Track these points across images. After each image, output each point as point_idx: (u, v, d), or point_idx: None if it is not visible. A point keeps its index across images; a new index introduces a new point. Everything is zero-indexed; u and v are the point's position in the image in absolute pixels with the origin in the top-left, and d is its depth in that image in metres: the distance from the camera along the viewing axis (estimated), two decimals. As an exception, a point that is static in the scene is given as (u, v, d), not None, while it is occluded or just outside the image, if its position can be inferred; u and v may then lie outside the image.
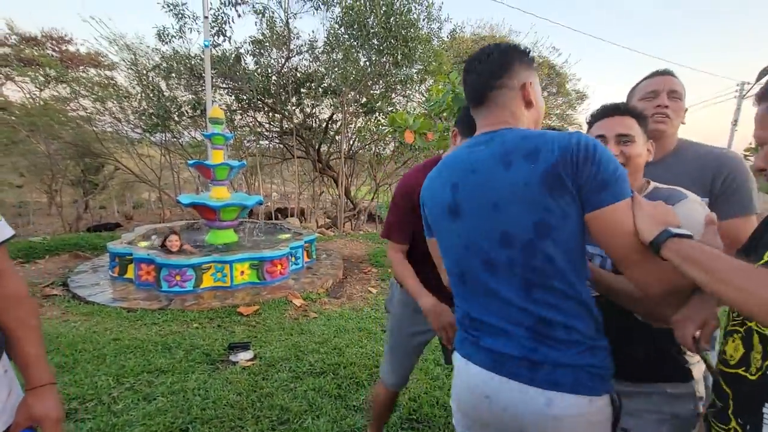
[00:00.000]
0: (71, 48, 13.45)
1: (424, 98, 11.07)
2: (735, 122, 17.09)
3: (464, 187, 0.89)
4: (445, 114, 5.51)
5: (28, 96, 11.74)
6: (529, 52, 0.94)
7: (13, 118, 11.43)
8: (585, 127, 1.21)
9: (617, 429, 0.83)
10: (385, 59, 8.30)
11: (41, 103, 11.41)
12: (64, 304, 3.65)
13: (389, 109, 9.03)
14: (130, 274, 4.18)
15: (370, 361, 2.64)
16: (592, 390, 0.79)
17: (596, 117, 1.13)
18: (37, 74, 11.00)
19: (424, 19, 8.36)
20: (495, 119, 0.91)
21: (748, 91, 16.08)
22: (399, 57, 7.93)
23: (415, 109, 10.68)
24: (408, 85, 9.26)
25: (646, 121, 1.09)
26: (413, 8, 7.83)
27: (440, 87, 5.62)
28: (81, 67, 12.76)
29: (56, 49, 13.15)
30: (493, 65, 0.90)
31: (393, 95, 9.83)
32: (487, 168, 0.85)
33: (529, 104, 0.93)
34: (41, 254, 5.29)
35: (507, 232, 0.82)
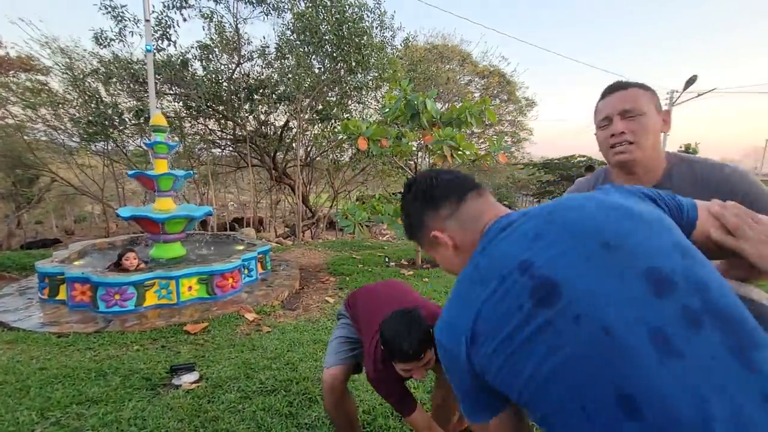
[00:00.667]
0: (0, 51, 12.36)
1: (381, 105, 11.17)
2: (667, 127, 18.55)
3: None
4: (399, 120, 5.58)
5: (-55, 102, 10.64)
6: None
7: (-74, 125, 10.33)
8: (534, 133, 1.14)
9: None
10: (339, 66, 8.29)
11: (-38, 110, 10.38)
12: (-18, 333, 3.28)
13: (345, 115, 9.02)
14: (62, 295, 3.84)
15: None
16: None
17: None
18: (-43, 79, 10.01)
19: (377, 27, 8.44)
20: None
21: (677, 98, 17.56)
22: (353, 64, 7.94)
23: (371, 116, 10.74)
24: (363, 92, 9.30)
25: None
26: (365, 16, 7.89)
27: (394, 94, 5.69)
28: (11, 72, 11.74)
29: (-20, 51, 12.03)
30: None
31: (349, 102, 9.83)
32: None
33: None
34: (-42, 278, 4.76)
35: None
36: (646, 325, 0.56)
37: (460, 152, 5.17)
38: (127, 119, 8.62)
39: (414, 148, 5.74)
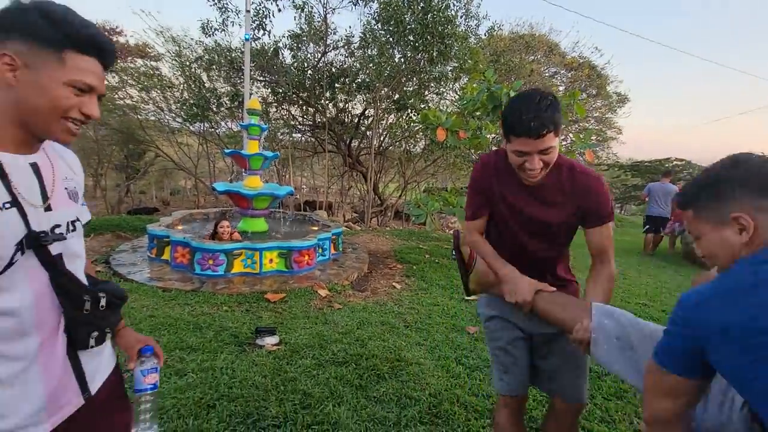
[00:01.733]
0: (121, 39, 14.12)
1: (457, 96, 10.95)
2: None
3: None
4: (478, 113, 5.45)
5: (81, 84, 12.40)
6: None
7: (66, 104, 12.14)
8: (623, 132, 1.17)
9: None
10: (420, 56, 8.26)
11: (92, 91, 12.05)
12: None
13: (422, 106, 8.99)
14: (166, 255, 4.39)
15: (391, 354, 2.65)
16: None
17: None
18: (89, 64, 11.63)
19: (461, 16, 8.26)
20: None
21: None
22: (434, 54, 7.86)
23: (448, 107, 10.58)
24: (442, 83, 9.19)
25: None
26: (451, 5, 7.75)
27: (475, 85, 5.56)
28: (129, 58, 13.39)
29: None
30: None
31: (426, 92, 9.78)
32: None
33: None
34: (87, 233, 5.61)
35: None
36: None
37: (542, 148, 4.93)
38: (223, 103, 9.44)
39: (489, 142, 5.58)
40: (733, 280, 0.76)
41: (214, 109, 9.58)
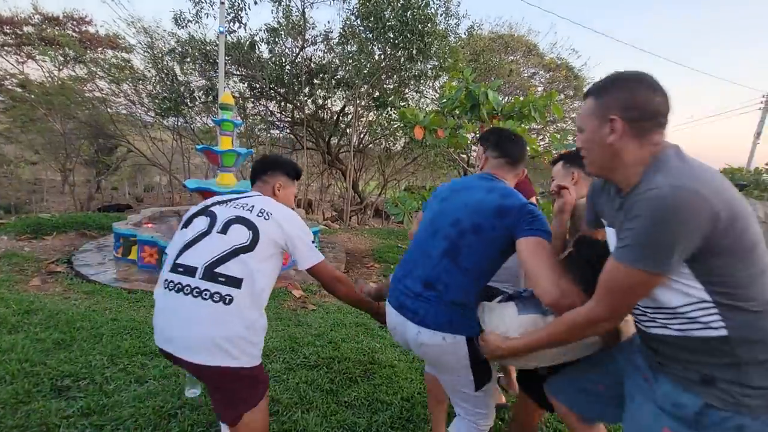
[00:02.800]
0: (91, 29, 13.53)
1: (437, 95, 10.96)
2: (758, 134, 16.66)
3: None
4: (457, 111, 5.44)
5: (47, 75, 11.87)
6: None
7: (32, 96, 11.58)
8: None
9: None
10: (399, 53, 8.21)
11: (59, 82, 11.53)
12: (66, 282, 3.68)
13: (401, 104, 8.96)
14: (133, 255, 4.21)
15: (365, 357, 2.61)
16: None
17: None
18: (56, 54, 11.11)
19: (441, 14, 8.24)
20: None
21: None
22: (414, 52, 7.83)
23: (428, 106, 10.59)
24: (422, 81, 9.17)
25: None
26: (431, 2, 7.72)
27: (454, 84, 5.55)
28: (99, 49, 12.85)
29: (76, 29, 13.25)
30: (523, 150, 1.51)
31: (406, 90, 9.75)
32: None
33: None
34: (49, 231, 5.36)
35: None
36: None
37: (519, 147, 4.96)
38: (197, 97, 9.16)
39: (468, 141, 5.58)
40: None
41: (188, 103, 9.29)
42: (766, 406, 0.82)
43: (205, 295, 1.20)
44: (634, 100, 0.92)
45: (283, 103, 10.23)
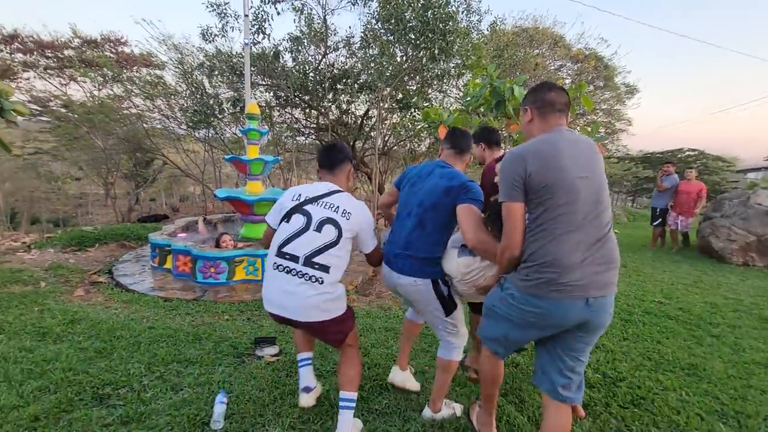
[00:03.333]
0: (126, 49, 14.26)
1: (461, 93, 10.79)
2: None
3: None
4: (482, 109, 5.31)
5: (87, 95, 12.58)
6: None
7: (74, 115, 12.29)
8: (633, 123, 1.13)
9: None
10: (421, 54, 8.13)
11: (99, 101, 12.19)
12: (107, 291, 3.84)
13: (425, 104, 8.86)
14: (168, 264, 4.35)
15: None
16: None
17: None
18: (96, 75, 11.76)
19: (462, 12, 8.10)
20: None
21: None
22: (436, 51, 7.73)
23: (452, 105, 10.44)
24: (444, 80, 9.04)
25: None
26: (452, 1, 7.60)
27: (477, 81, 5.43)
28: (134, 67, 13.52)
29: (113, 50, 14.00)
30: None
31: (429, 90, 9.65)
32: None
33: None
34: (92, 243, 5.64)
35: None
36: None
37: (548, 143, 4.78)
38: (225, 108, 9.43)
39: (496, 139, 5.45)
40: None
41: (218, 115, 9.57)
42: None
43: (306, 278, 1.74)
44: (536, 96, 1.61)
45: (307, 110, 10.36)
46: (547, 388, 1.56)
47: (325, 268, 1.76)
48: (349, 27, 26.97)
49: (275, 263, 1.79)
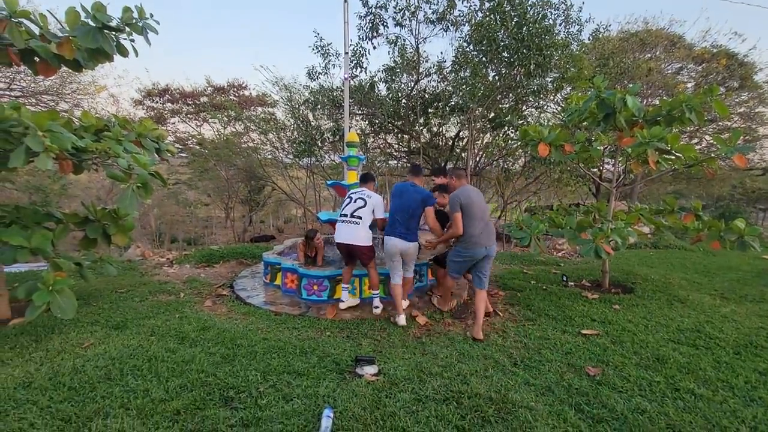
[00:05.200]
0: (246, 92, 16.51)
1: (559, 108, 10.17)
2: None
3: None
4: (585, 123, 4.94)
5: (215, 133, 14.75)
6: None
7: (206, 151, 14.49)
8: None
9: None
10: (516, 71, 7.92)
11: (224, 138, 14.20)
12: (229, 304, 4.36)
13: (520, 122, 8.54)
14: (278, 281, 4.78)
15: (497, 394, 2.42)
16: None
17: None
18: (222, 116, 13.79)
19: (560, 24, 7.74)
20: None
21: None
22: (532, 67, 7.46)
23: (548, 121, 9.90)
24: (541, 96, 8.64)
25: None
26: (548, 14, 7.32)
27: (580, 95, 5.08)
28: (252, 107, 15.55)
29: (236, 94, 16.34)
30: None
31: (524, 107, 9.29)
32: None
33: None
34: (217, 260, 6.48)
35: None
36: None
37: (669, 156, 4.22)
38: (326, 138, 10.26)
39: (601, 154, 4.99)
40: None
41: (319, 144, 10.45)
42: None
43: (352, 223, 3.94)
44: (452, 173, 4.09)
45: (399, 135, 10.75)
46: (476, 283, 3.72)
47: (359, 218, 3.93)
48: (441, 53, 27.52)
49: (340, 217, 4.04)
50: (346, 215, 3.95)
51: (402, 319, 3.75)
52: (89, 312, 3.89)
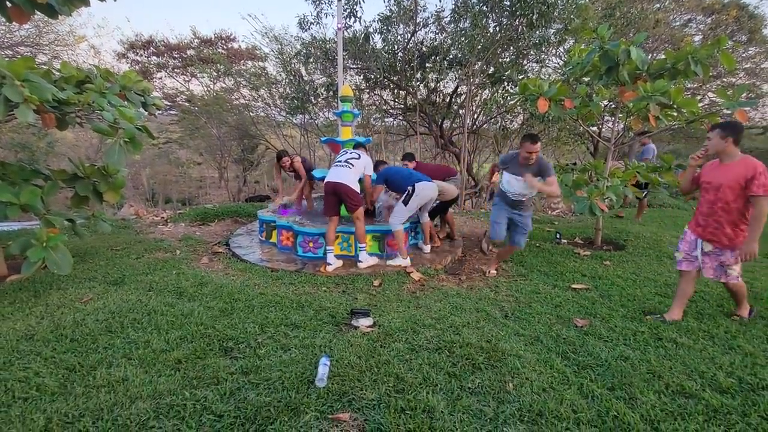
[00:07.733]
0: (235, 45, 15.74)
1: (561, 63, 9.84)
2: None
3: None
4: (587, 77, 4.79)
5: (205, 89, 14.22)
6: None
7: (195, 108, 14.04)
8: None
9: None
10: (517, 22, 7.56)
11: (214, 94, 13.72)
12: (226, 261, 4.39)
13: (520, 77, 8.28)
14: (274, 238, 4.80)
15: (487, 344, 2.51)
16: None
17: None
18: (211, 70, 13.23)
19: (566, -30, 7.30)
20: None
21: None
22: (534, 17, 7.12)
23: (550, 76, 9.61)
24: (543, 49, 8.32)
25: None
26: (554, -42, 6.89)
27: (584, 46, 4.88)
28: (242, 61, 14.89)
29: (225, 47, 15.58)
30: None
31: (525, 62, 8.97)
32: None
33: None
34: (212, 218, 6.47)
35: None
36: None
37: (671, 111, 4.14)
38: (320, 93, 9.94)
39: (602, 110, 4.88)
40: None
41: (313, 100, 10.13)
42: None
43: (345, 166, 4.08)
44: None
45: (396, 91, 10.42)
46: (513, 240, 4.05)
47: (351, 165, 4.08)
48: (439, 1, 26.10)
49: (335, 163, 4.19)
50: (340, 161, 4.14)
51: (426, 248, 4.63)
52: (86, 269, 3.92)
